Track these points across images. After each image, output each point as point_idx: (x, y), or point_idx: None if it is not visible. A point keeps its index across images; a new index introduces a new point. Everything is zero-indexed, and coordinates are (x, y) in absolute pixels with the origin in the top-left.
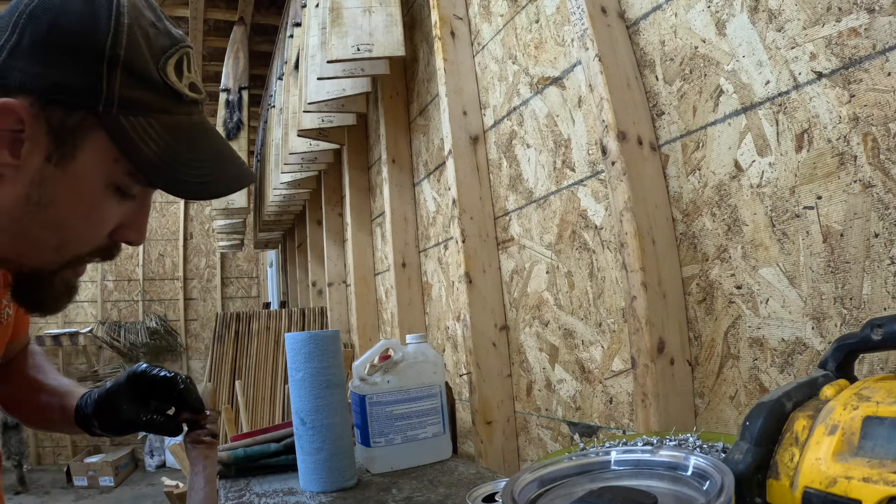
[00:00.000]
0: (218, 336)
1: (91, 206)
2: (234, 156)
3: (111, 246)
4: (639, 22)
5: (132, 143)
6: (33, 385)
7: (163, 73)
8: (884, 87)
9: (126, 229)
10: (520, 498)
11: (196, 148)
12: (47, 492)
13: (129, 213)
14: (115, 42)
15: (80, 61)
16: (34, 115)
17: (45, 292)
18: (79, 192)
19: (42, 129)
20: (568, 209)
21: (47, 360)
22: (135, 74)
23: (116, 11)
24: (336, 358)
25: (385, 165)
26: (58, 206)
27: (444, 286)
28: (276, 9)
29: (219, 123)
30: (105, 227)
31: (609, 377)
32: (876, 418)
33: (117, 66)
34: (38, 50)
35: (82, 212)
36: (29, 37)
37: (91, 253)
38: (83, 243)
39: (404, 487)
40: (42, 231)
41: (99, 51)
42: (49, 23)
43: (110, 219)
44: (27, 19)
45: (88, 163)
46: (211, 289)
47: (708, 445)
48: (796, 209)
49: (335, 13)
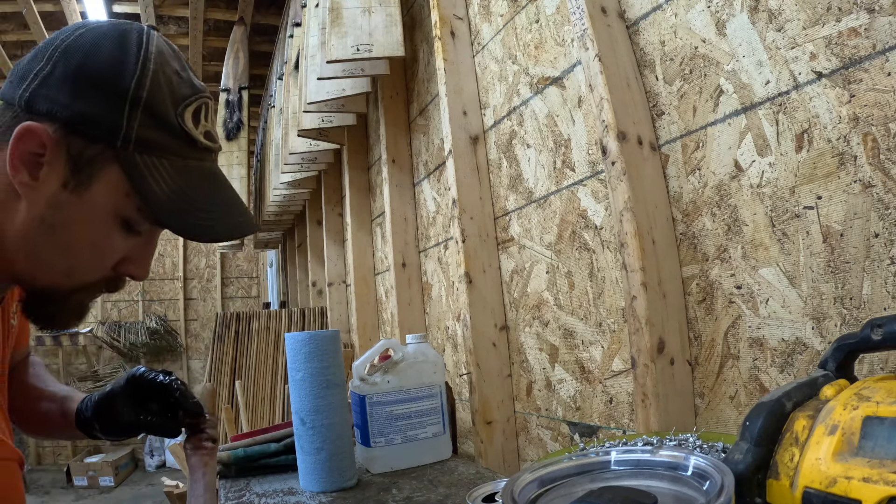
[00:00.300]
0: (218, 336)
1: (99, 235)
2: (241, 205)
3: (115, 278)
4: (639, 22)
5: (144, 179)
6: (33, 393)
7: (181, 118)
8: (884, 87)
9: (130, 263)
10: (520, 498)
11: (204, 192)
12: (47, 492)
13: (136, 248)
14: (139, 84)
15: (105, 97)
16: (56, 141)
17: (56, 309)
18: (89, 220)
19: (62, 156)
20: (568, 209)
21: (46, 369)
22: (154, 116)
23: (144, 56)
24: (336, 358)
25: (385, 165)
26: (69, 232)
27: (444, 286)
28: (276, 9)
29: (219, 123)
30: (110, 259)
31: (609, 377)
32: (876, 418)
33: (139, 106)
34: (68, 82)
35: (90, 240)
36: (62, 69)
37: (97, 282)
38: (89, 271)
39: (404, 487)
40: (52, 254)
41: (124, 89)
42: (81, 58)
43: (116, 251)
44: (61, 53)
45: (101, 193)
46: (211, 289)
47: (708, 445)
48: (796, 209)
49: (335, 13)
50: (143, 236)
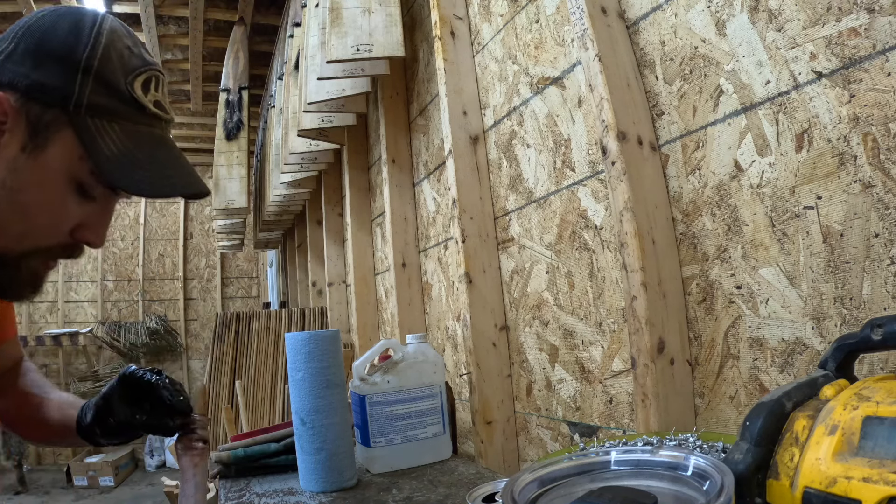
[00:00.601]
0: (218, 336)
1: (54, 197)
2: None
3: (73, 245)
4: (639, 22)
5: (94, 140)
6: (33, 401)
7: (130, 87)
8: (884, 87)
9: (86, 230)
10: (520, 498)
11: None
12: (47, 492)
13: (91, 215)
14: (91, 55)
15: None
16: (17, 109)
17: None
18: (45, 182)
19: (22, 123)
20: (568, 209)
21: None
22: (104, 84)
23: (97, 32)
24: (336, 358)
25: (385, 165)
26: (26, 194)
27: (444, 286)
28: (276, 9)
29: (219, 123)
30: (65, 223)
31: (609, 377)
32: (876, 418)
33: (90, 74)
34: (29, 57)
35: (46, 202)
36: (23, 46)
37: (53, 248)
38: (44, 236)
39: (404, 487)
40: (10, 216)
41: (77, 60)
42: (40, 36)
43: (71, 216)
44: (24, 33)
45: (56, 155)
46: (211, 289)
47: (708, 445)
48: (796, 209)
49: (335, 13)
50: (98, 203)
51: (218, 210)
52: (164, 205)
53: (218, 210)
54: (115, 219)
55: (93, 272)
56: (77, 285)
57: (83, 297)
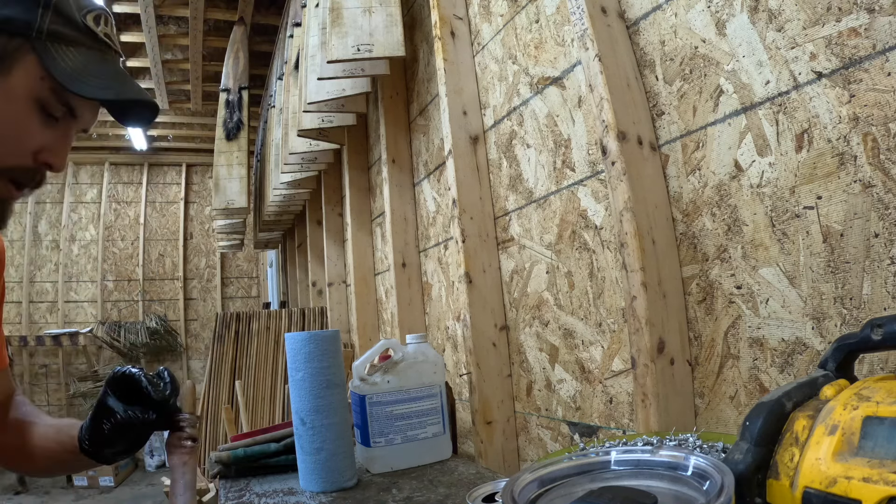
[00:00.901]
0: (218, 336)
1: (19, 116)
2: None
3: (35, 170)
4: (639, 22)
5: (54, 60)
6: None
7: (84, 19)
8: (884, 87)
9: (48, 153)
10: (520, 498)
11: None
12: (47, 492)
13: (53, 138)
14: None
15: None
16: None
17: None
18: (10, 100)
19: None
20: (568, 209)
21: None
22: (62, 15)
23: None
24: (336, 358)
25: (385, 165)
26: None
27: (444, 286)
28: (276, 9)
29: (219, 123)
30: (29, 143)
31: (609, 377)
32: (876, 418)
33: (49, 7)
34: None
35: (11, 120)
36: None
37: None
38: (9, 154)
39: (404, 487)
40: None
41: None
42: None
43: (35, 137)
44: None
45: (20, 77)
46: (211, 289)
47: (708, 445)
48: (796, 209)
49: (335, 13)
50: (59, 128)
51: (218, 210)
52: (164, 204)
53: (218, 210)
54: (116, 219)
55: (93, 272)
56: (77, 285)
57: (83, 297)
